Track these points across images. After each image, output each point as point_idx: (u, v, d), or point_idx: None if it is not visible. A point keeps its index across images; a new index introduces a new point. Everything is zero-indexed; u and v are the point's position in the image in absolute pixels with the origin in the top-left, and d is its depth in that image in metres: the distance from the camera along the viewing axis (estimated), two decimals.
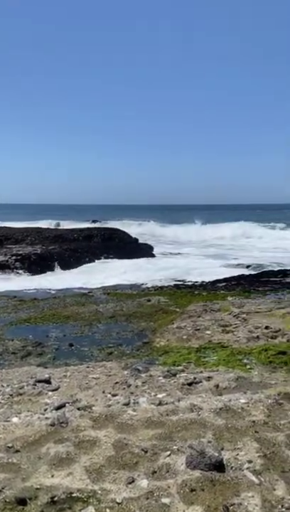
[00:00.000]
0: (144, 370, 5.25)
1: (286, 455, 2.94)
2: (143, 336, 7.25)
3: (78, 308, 9.46)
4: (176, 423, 3.47)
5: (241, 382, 4.69)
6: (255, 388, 4.41)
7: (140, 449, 3.04)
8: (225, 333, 6.93)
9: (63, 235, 21.15)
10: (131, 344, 6.77)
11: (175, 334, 7.06)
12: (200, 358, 5.82)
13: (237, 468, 2.80)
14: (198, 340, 6.71)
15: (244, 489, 2.58)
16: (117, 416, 3.62)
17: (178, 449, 3.04)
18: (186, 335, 6.98)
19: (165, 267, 18.58)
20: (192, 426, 3.41)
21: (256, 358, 5.64)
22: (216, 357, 5.83)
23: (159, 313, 8.81)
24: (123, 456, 2.95)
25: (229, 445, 3.10)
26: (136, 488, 2.60)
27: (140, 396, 4.33)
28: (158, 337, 7.04)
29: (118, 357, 6.10)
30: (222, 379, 4.76)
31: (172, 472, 2.77)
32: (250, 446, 3.07)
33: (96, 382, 4.80)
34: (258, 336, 6.60)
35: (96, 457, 2.95)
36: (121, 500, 2.48)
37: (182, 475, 2.73)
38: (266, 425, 3.39)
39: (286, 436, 3.17)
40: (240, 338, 6.61)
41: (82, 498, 2.51)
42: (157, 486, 2.61)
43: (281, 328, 6.74)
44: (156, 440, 3.19)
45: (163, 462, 2.89)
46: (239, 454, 2.98)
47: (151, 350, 6.41)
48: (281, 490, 2.56)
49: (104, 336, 7.32)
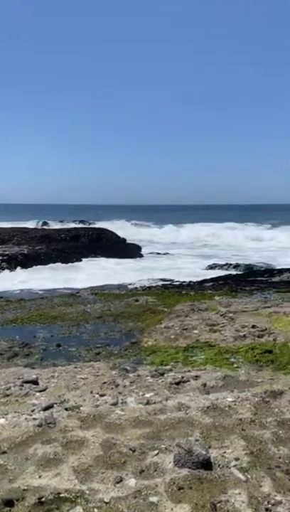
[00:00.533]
0: (132, 370, 5.25)
1: (272, 452, 2.98)
2: (131, 335, 7.26)
3: (65, 309, 9.42)
4: (164, 422, 3.48)
5: (228, 380, 4.73)
6: (242, 387, 4.45)
7: (128, 449, 3.05)
8: (212, 333, 6.97)
9: (50, 235, 21.04)
10: (119, 344, 6.77)
11: (163, 334, 7.08)
12: (188, 357, 5.85)
13: (224, 466, 2.82)
14: (186, 339, 6.74)
15: (231, 486, 2.60)
16: (105, 416, 3.62)
17: (165, 448, 3.06)
18: (174, 334, 7.01)
19: (153, 267, 18.63)
20: (180, 425, 3.43)
21: (243, 356, 5.69)
22: (203, 356, 5.86)
23: (147, 313, 8.82)
24: (111, 456, 2.96)
25: (216, 443, 3.13)
26: (124, 488, 2.60)
27: (128, 396, 4.33)
28: (145, 337, 7.05)
29: (106, 357, 6.09)
30: (210, 378, 4.79)
31: (160, 471, 2.79)
32: (237, 444, 3.10)
33: (84, 383, 4.79)
34: (245, 334, 6.66)
35: (84, 457, 2.94)
36: (109, 499, 2.48)
37: (170, 473, 2.74)
38: (252, 423, 3.42)
39: (272, 434, 3.21)
40: (227, 337, 6.66)
41: (69, 499, 2.50)
42: (145, 485, 2.62)
43: (268, 327, 6.81)
44: (144, 439, 3.20)
45: (151, 461, 2.90)
46: (227, 451, 3.00)
47: (138, 350, 6.42)
48: (267, 486, 2.60)
49: (92, 336, 7.30)
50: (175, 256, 23.20)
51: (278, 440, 3.13)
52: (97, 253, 19.86)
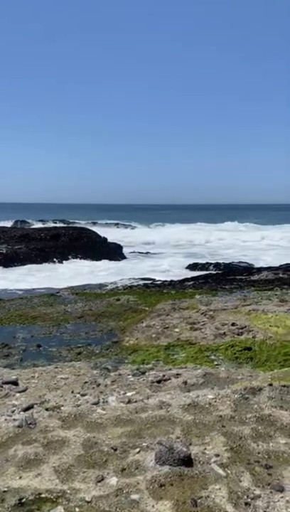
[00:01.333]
0: (113, 369, 5.26)
1: (251, 448, 3.03)
2: (112, 335, 7.25)
3: (46, 309, 9.33)
4: (145, 420, 3.50)
5: (208, 378, 4.78)
6: (222, 384, 4.51)
7: (109, 447, 3.05)
8: (193, 331, 7.03)
9: (30, 235, 20.79)
10: (100, 344, 6.75)
11: (144, 333, 7.10)
12: (169, 355, 5.89)
13: (205, 462, 2.85)
14: (167, 338, 6.78)
15: (212, 482, 2.64)
16: (86, 415, 3.61)
17: (147, 446, 3.07)
18: (155, 333, 7.04)
19: (134, 267, 18.65)
20: (161, 422, 3.45)
21: (223, 354, 5.76)
22: (184, 354, 5.91)
23: (128, 312, 8.83)
24: (92, 455, 2.95)
25: (197, 440, 3.16)
26: (106, 486, 2.60)
27: (109, 395, 4.33)
28: (127, 336, 7.06)
29: (87, 357, 6.07)
30: (190, 375, 4.84)
31: (141, 469, 2.80)
32: (217, 440, 3.14)
33: (65, 383, 4.76)
34: (225, 332, 6.74)
35: (65, 457, 2.93)
36: (90, 498, 2.48)
37: (151, 471, 2.76)
38: (232, 419, 3.47)
39: (251, 430, 3.26)
40: (207, 335, 6.73)
41: (50, 499, 2.49)
42: (126, 483, 2.63)
43: (247, 325, 6.91)
44: (126, 438, 3.20)
45: (133, 459, 2.91)
46: (207, 448, 3.04)
47: (120, 349, 6.42)
48: (246, 481, 2.64)
49: (73, 336, 7.26)
50: (156, 255, 23.27)
51: (257, 436, 3.18)
52: (77, 252, 19.74)
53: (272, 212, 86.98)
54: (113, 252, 21.21)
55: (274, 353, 5.54)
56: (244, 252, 24.13)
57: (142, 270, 17.50)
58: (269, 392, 3.96)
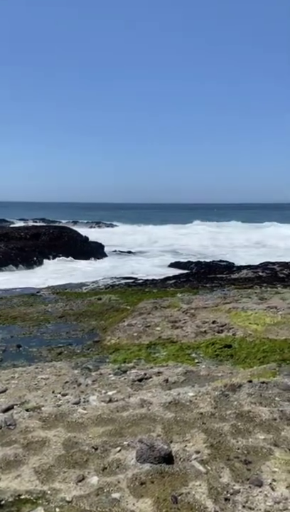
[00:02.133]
0: (94, 369, 5.24)
1: (231, 444, 3.07)
2: (93, 334, 7.22)
3: (26, 309, 9.22)
4: (126, 419, 3.50)
5: (189, 375, 4.82)
6: (203, 381, 4.55)
7: (90, 447, 3.04)
8: (174, 329, 7.07)
9: (9, 234, 20.49)
10: (81, 343, 6.71)
11: (126, 332, 7.10)
12: (150, 354, 5.90)
13: (185, 459, 2.88)
14: (148, 336, 6.79)
15: (192, 479, 2.66)
16: (67, 415, 3.60)
17: (128, 445, 3.08)
18: (137, 332, 7.04)
19: (115, 266, 18.62)
20: (142, 421, 3.46)
21: (204, 351, 5.81)
22: (165, 352, 5.94)
23: (110, 311, 8.80)
24: (73, 455, 2.94)
25: (177, 437, 3.18)
26: (86, 486, 2.60)
27: (90, 394, 4.32)
28: (108, 335, 7.04)
29: (68, 357, 6.02)
30: (171, 373, 4.86)
31: (122, 467, 2.81)
32: (198, 437, 3.17)
33: (45, 383, 4.72)
34: (205, 330, 6.79)
35: (45, 457, 2.91)
36: (71, 498, 2.48)
37: (132, 469, 2.77)
38: (213, 416, 3.51)
39: (231, 426, 3.30)
40: (189, 333, 6.77)
41: (30, 500, 2.47)
42: (107, 482, 2.63)
43: (227, 323, 6.99)
44: (107, 437, 3.20)
45: (114, 458, 2.92)
46: (188, 445, 3.07)
47: (101, 348, 6.40)
48: (226, 477, 2.67)
49: (54, 336, 7.20)
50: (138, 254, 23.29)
51: (237, 432, 3.23)
52: (58, 252, 19.56)
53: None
54: (95, 251, 21.12)
55: (254, 350, 5.62)
56: (224, 250, 24.34)
57: (124, 269, 17.48)
58: (249, 388, 4.02)
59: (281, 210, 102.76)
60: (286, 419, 3.38)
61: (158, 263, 19.49)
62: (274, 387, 4.02)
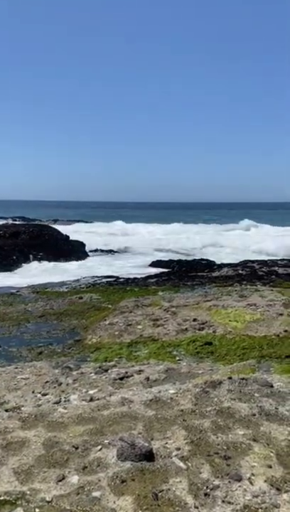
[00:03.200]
0: (75, 368, 5.21)
1: (211, 440, 3.10)
2: (74, 333, 7.18)
3: (5, 308, 9.10)
4: (107, 417, 3.49)
5: (170, 373, 4.84)
6: (183, 378, 4.58)
7: (71, 446, 3.03)
8: (156, 327, 7.09)
9: None
10: (62, 343, 6.67)
11: (108, 330, 7.08)
12: (132, 352, 5.91)
13: (166, 456, 2.89)
14: (130, 335, 6.80)
15: (173, 475, 2.68)
16: (47, 415, 3.57)
17: (109, 443, 3.07)
18: (118, 330, 7.04)
19: (97, 264, 18.53)
20: (123, 419, 3.46)
21: (185, 349, 5.85)
22: (147, 350, 5.95)
23: (91, 310, 8.77)
24: (53, 455, 2.92)
25: (158, 435, 3.19)
26: (67, 485, 2.59)
27: (71, 394, 4.30)
28: (90, 334, 7.02)
29: (48, 356, 5.98)
30: (153, 371, 4.88)
31: (103, 466, 2.80)
32: (178, 434, 3.19)
33: (25, 383, 4.68)
34: (186, 328, 6.84)
35: (25, 458, 2.88)
36: (51, 498, 2.46)
37: (113, 467, 2.77)
38: (193, 413, 3.53)
39: (211, 423, 3.33)
40: (170, 331, 6.81)
41: (9, 501, 2.44)
42: (88, 481, 2.62)
43: (208, 320, 7.05)
44: (87, 436, 3.19)
45: (94, 457, 2.91)
46: (168, 442, 3.08)
47: (82, 347, 6.37)
48: (206, 473, 2.70)
49: (34, 335, 7.13)
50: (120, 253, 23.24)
51: (217, 428, 3.26)
52: (38, 250, 19.32)
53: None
54: (76, 249, 20.94)
55: (234, 347, 5.69)
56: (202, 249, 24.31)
57: (105, 268, 17.42)
58: (229, 385, 4.06)
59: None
60: (265, 415, 3.43)
61: (139, 262, 19.48)
62: (253, 383, 4.08)
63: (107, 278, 14.45)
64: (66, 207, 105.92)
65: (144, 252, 23.21)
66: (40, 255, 18.87)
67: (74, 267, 17.58)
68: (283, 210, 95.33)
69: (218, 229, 38.80)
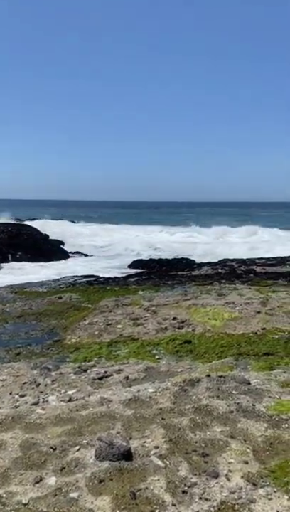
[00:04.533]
0: (54, 369, 5.17)
1: (189, 438, 3.12)
2: (53, 334, 7.11)
3: None
4: (86, 417, 3.48)
5: (149, 372, 4.86)
6: (163, 377, 4.60)
7: (48, 447, 3.00)
8: (136, 326, 7.09)
9: None
10: (40, 343, 6.59)
11: (87, 330, 7.05)
12: (111, 352, 5.90)
13: (144, 455, 2.90)
14: (110, 334, 6.78)
15: (151, 474, 2.68)
16: (25, 416, 3.53)
17: (87, 443, 3.06)
18: (98, 330, 7.01)
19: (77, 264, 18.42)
20: (101, 419, 3.45)
21: (165, 348, 5.88)
22: (127, 350, 5.95)
23: (71, 310, 8.70)
24: (30, 456, 2.89)
25: (137, 434, 3.20)
26: (44, 487, 2.56)
27: (50, 394, 4.26)
28: (69, 334, 6.96)
29: (27, 357, 5.90)
30: (132, 371, 4.88)
31: (81, 466, 2.79)
32: (157, 432, 3.20)
33: (2, 384, 4.61)
34: (166, 327, 6.87)
35: (1, 460, 2.84)
36: (27, 500, 2.43)
37: (91, 468, 2.76)
38: (172, 411, 3.55)
39: (189, 420, 3.35)
40: (150, 330, 6.82)
41: None
42: (65, 482, 2.61)
43: (187, 319, 7.10)
44: (65, 436, 3.17)
45: (72, 457, 2.89)
46: (147, 441, 3.09)
47: (61, 347, 6.32)
48: (184, 470, 2.72)
49: (12, 336, 7.03)
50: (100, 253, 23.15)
51: (195, 426, 3.28)
52: (17, 250, 19.08)
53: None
54: (55, 249, 20.76)
55: (212, 345, 5.74)
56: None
57: (85, 267, 17.32)
58: (207, 382, 4.10)
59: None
60: (243, 412, 3.47)
61: (120, 262, 19.45)
62: (231, 381, 4.12)
63: (87, 277, 14.37)
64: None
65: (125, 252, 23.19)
66: (18, 255, 18.63)
67: (53, 267, 17.42)
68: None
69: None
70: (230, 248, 22.60)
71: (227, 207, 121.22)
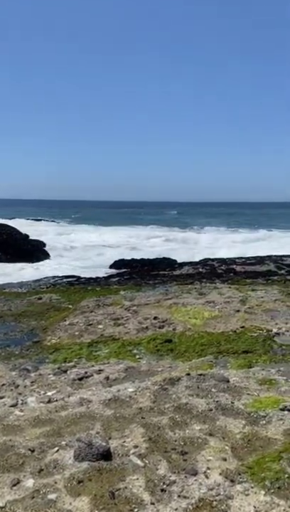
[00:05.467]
0: (33, 370, 5.11)
1: (169, 436, 3.13)
2: (33, 335, 7.03)
3: None
4: (65, 418, 3.46)
5: (130, 372, 4.86)
6: (143, 376, 4.60)
7: (26, 449, 2.97)
8: (117, 326, 7.08)
9: None
10: (20, 344, 6.51)
11: (67, 331, 7.00)
12: (92, 352, 5.87)
13: (124, 455, 2.90)
14: (90, 335, 6.75)
15: (130, 473, 2.68)
16: (3, 418, 3.48)
17: (66, 444, 3.04)
18: (78, 331, 6.97)
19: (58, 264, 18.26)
20: (81, 419, 3.44)
21: (145, 347, 5.88)
22: (107, 350, 5.93)
23: (51, 310, 8.61)
24: (8, 459, 2.85)
25: (116, 433, 3.19)
26: (21, 489, 2.53)
27: (29, 396, 4.21)
28: (49, 335, 6.90)
29: (5, 358, 5.82)
30: (112, 371, 4.87)
31: (60, 467, 2.76)
32: (136, 432, 3.20)
33: None
34: (147, 326, 6.88)
35: None
36: (4, 504, 2.40)
37: (70, 469, 2.74)
38: (151, 410, 3.56)
39: (169, 419, 3.37)
40: (131, 329, 6.82)
41: None
42: (44, 484, 2.58)
43: (168, 318, 7.12)
44: (44, 438, 3.14)
45: (51, 459, 2.86)
46: (126, 440, 3.08)
47: (41, 348, 6.25)
48: (163, 469, 2.73)
49: None
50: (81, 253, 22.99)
51: (174, 424, 3.30)
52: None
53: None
54: (36, 249, 20.54)
55: (192, 344, 5.78)
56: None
57: (67, 267, 17.19)
58: (187, 381, 4.13)
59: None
60: (221, 409, 3.51)
61: (102, 261, 19.38)
62: (210, 379, 4.16)
63: (68, 278, 14.26)
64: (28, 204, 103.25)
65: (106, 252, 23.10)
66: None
67: (34, 267, 17.23)
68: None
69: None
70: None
71: (211, 207, 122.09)
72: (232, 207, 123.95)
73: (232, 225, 44.57)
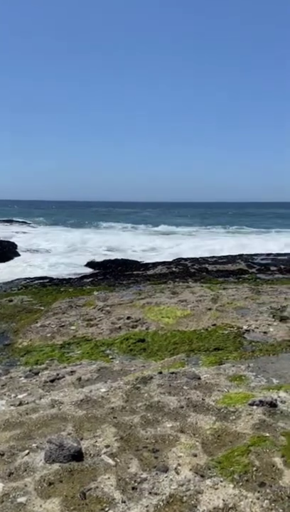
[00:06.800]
0: (4, 373, 5.04)
1: (140, 435, 3.15)
2: (3, 338, 6.92)
3: None
4: (36, 421, 3.42)
5: (103, 372, 4.85)
6: (116, 376, 4.61)
7: None
8: (90, 327, 7.05)
9: None
10: None
11: (39, 333, 6.92)
12: (64, 353, 5.83)
13: (95, 455, 2.89)
14: (63, 336, 6.70)
15: (101, 473, 2.68)
16: None
17: (37, 446, 3.01)
18: (50, 332, 6.90)
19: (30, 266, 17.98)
20: (52, 421, 3.40)
21: (118, 347, 5.89)
22: (80, 351, 5.90)
23: (22, 313, 8.50)
24: None
25: (88, 434, 3.18)
26: None
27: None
28: (20, 338, 6.80)
29: None
30: (85, 371, 4.85)
31: (30, 470, 2.73)
32: (108, 431, 3.20)
33: None
34: (120, 326, 6.88)
35: None
36: None
37: (40, 471, 2.71)
38: (123, 410, 3.56)
39: (141, 418, 3.38)
40: (104, 330, 6.81)
41: None
42: (13, 487, 2.55)
43: (141, 318, 7.15)
44: (14, 441, 3.10)
45: (21, 462, 2.83)
46: (98, 440, 3.08)
47: (12, 351, 6.16)
48: (134, 467, 2.74)
49: None
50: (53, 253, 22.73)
51: (146, 422, 3.32)
52: None
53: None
54: (6, 250, 20.16)
55: (165, 343, 5.82)
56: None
57: (38, 269, 16.95)
58: (159, 379, 4.16)
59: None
60: (193, 406, 3.55)
61: (74, 262, 19.22)
62: (182, 377, 4.21)
63: (40, 279, 14.07)
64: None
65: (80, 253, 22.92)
66: None
67: (5, 270, 16.90)
68: None
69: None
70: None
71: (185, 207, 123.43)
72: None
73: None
